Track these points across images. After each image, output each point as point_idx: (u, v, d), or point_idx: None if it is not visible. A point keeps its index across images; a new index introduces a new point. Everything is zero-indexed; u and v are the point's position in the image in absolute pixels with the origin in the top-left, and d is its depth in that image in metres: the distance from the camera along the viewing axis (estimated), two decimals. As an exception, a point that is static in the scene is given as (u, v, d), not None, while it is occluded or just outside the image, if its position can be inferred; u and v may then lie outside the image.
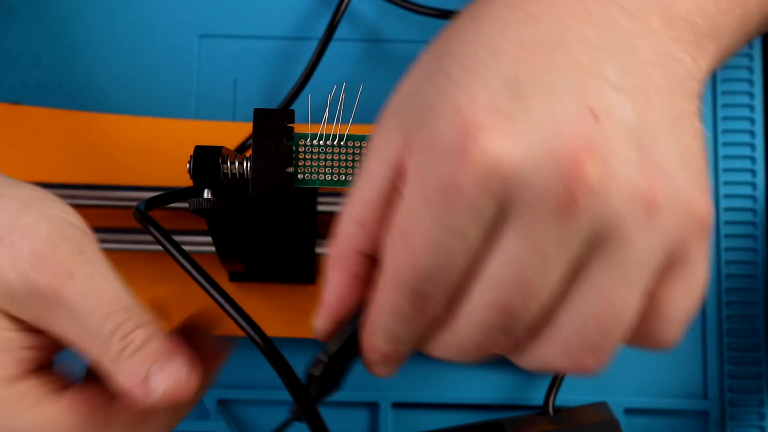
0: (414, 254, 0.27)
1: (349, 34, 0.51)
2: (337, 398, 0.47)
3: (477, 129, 0.26)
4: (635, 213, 0.26)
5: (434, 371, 0.48)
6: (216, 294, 0.31)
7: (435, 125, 0.27)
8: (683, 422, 0.48)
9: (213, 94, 0.50)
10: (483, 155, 0.26)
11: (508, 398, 0.48)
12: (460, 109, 0.26)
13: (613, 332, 0.28)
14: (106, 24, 0.50)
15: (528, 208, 0.26)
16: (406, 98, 0.29)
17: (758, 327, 0.48)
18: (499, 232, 0.27)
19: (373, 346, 0.30)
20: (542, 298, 0.27)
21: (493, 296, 0.27)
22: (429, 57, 0.30)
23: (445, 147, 0.26)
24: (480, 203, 0.26)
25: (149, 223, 0.32)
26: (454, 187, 0.26)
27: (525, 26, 0.28)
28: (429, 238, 0.27)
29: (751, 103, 0.50)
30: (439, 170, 0.26)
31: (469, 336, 0.28)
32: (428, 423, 0.48)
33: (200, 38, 0.51)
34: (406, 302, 0.28)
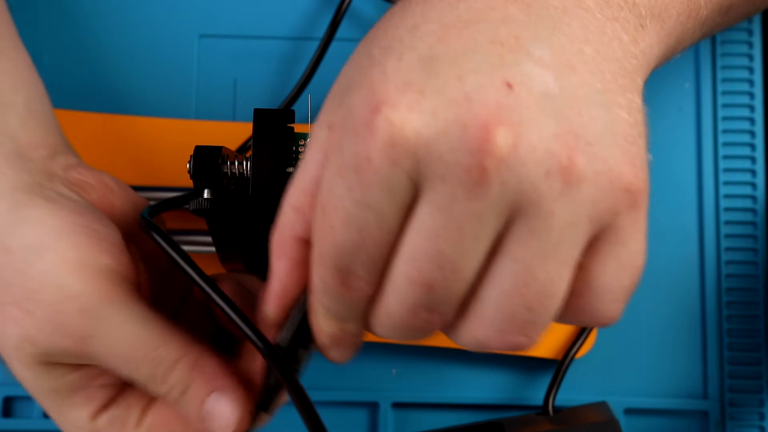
0: (332, 229, 0.27)
1: (350, 33, 0.51)
2: (337, 398, 0.47)
3: (384, 102, 0.26)
4: (552, 182, 0.26)
5: (434, 371, 0.48)
6: (219, 299, 0.31)
7: (349, 102, 0.27)
8: (683, 422, 0.48)
9: (213, 94, 0.50)
10: (389, 128, 0.25)
11: (508, 398, 0.48)
12: (372, 85, 0.26)
13: (540, 308, 0.27)
14: (106, 24, 0.50)
15: (439, 180, 0.26)
16: (338, 84, 0.29)
17: (758, 327, 0.48)
18: (414, 206, 0.26)
19: (319, 327, 0.31)
20: (464, 273, 0.27)
21: (414, 272, 0.27)
22: (362, 43, 0.30)
23: (356, 122, 0.26)
24: (390, 176, 0.26)
25: (153, 230, 0.32)
26: (364, 160, 0.26)
27: (449, 5, 0.28)
28: (344, 212, 0.26)
29: (751, 103, 0.50)
30: (351, 145, 0.26)
31: (398, 313, 0.28)
32: (428, 423, 0.48)
33: (200, 38, 0.51)
34: (332, 279, 0.28)
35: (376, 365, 0.48)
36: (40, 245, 0.32)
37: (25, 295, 0.32)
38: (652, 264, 0.48)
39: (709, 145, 0.50)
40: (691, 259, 0.49)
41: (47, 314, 0.31)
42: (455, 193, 0.26)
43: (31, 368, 0.33)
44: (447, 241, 0.26)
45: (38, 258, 0.32)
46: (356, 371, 0.48)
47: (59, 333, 0.31)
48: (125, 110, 0.49)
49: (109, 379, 0.34)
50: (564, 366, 0.46)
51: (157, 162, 0.48)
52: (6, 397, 0.48)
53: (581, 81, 0.27)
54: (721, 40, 0.51)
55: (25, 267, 0.32)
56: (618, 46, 0.29)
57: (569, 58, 0.27)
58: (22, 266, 0.32)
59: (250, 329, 0.31)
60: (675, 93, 0.51)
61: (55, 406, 0.34)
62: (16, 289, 0.32)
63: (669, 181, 0.49)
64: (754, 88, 0.50)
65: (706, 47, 0.51)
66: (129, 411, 0.34)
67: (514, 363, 0.48)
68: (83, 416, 0.33)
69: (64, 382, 0.33)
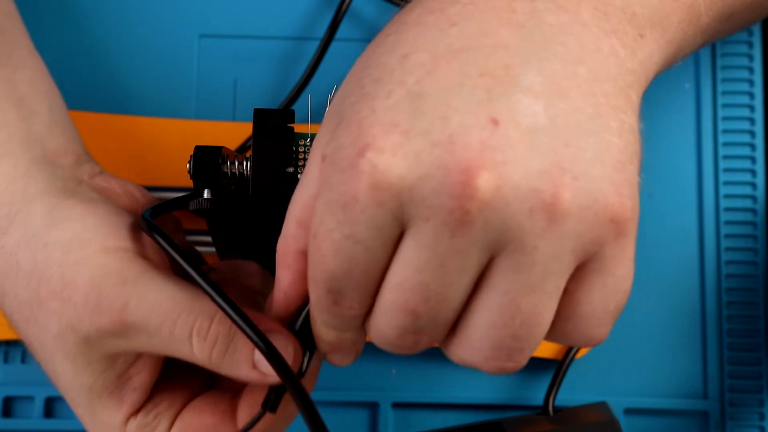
0: (323, 256, 0.28)
1: (350, 33, 0.51)
2: (337, 398, 0.47)
3: (370, 146, 0.26)
4: (535, 220, 0.26)
5: (434, 371, 0.48)
6: (221, 301, 0.31)
7: (339, 139, 0.27)
8: (683, 422, 0.48)
9: (213, 94, 0.50)
10: (373, 172, 0.26)
11: (508, 398, 0.48)
12: (360, 122, 0.27)
13: (527, 336, 0.28)
14: (106, 24, 0.50)
15: (423, 220, 0.26)
16: (333, 106, 0.30)
17: (758, 327, 0.48)
18: (401, 240, 0.27)
19: (319, 335, 0.31)
20: (450, 303, 0.28)
21: (401, 300, 0.28)
22: (356, 65, 0.30)
23: (343, 161, 0.27)
24: (376, 216, 0.26)
25: (155, 231, 0.33)
26: (351, 199, 0.26)
27: (441, 32, 0.28)
28: (333, 243, 0.27)
29: (751, 103, 0.50)
30: (339, 183, 0.27)
31: (387, 333, 0.29)
32: (428, 423, 0.48)
33: (200, 38, 0.51)
34: (324, 298, 0.29)
35: (376, 365, 0.48)
36: (80, 238, 0.33)
37: (62, 284, 0.32)
38: (652, 264, 0.48)
39: (709, 145, 0.50)
40: (691, 259, 0.49)
41: (85, 295, 0.32)
42: (439, 232, 0.26)
43: (71, 360, 0.33)
44: (431, 274, 0.27)
45: (78, 248, 0.32)
46: (356, 371, 0.48)
47: (98, 310, 0.32)
48: (125, 110, 0.49)
49: (143, 381, 0.34)
50: (564, 366, 0.46)
51: (157, 162, 0.48)
52: (6, 397, 0.48)
53: (573, 108, 0.27)
54: (721, 41, 0.51)
55: (64, 258, 0.32)
56: (614, 63, 0.29)
57: (561, 83, 0.27)
58: (61, 258, 0.32)
59: (252, 330, 0.31)
60: (675, 93, 0.51)
61: (88, 406, 0.34)
62: (53, 282, 0.32)
63: (669, 181, 0.49)
64: (754, 89, 0.50)
65: (706, 48, 0.51)
66: (159, 420, 0.34)
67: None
68: (116, 420, 0.34)
69: (101, 380, 0.33)
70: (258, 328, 0.31)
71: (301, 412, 0.31)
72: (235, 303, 0.31)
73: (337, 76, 0.50)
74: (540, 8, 0.28)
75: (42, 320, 0.33)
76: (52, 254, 0.33)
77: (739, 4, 0.36)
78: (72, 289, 0.32)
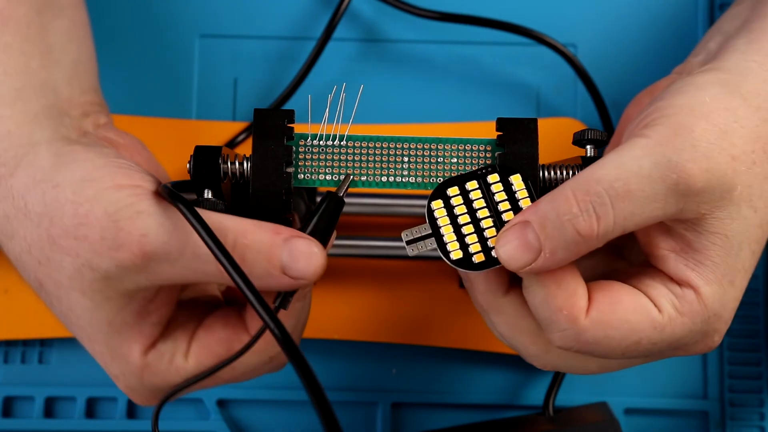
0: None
1: (347, 33, 0.51)
2: (337, 398, 0.47)
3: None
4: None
5: (434, 371, 0.48)
6: (232, 271, 0.31)
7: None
8: (683, 422, 0.48)
9: (213, 94, 0.50)
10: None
11: (508, 398, 0.48)
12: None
13: None
14: (106, 24, 0.50)
15: None
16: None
17: (758, 327, 0.48)
18: None
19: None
20: None
21: None
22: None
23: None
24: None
25: (177, 199, 0.32)
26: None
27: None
28: None
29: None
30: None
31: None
32: (428, 423, 0.48)
33: (200, 38, 0.51)
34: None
35: (376, 365, 0.48)
36: (91, 176, 0.33)
37: (76, 222, 0.32)
38: (652, 264, 0.48)
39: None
40: (691, 259, 0.49)
41: (101, 231, 0.32)
42: None
43: (89, 296, 0.33)
44: None
45: (90, 185, 0.32)
46: (356, 371, 0.48)
47: (116, 245, 0.32)
48: (125, 110, 0.49)
49: (161, 315, 0.34)
50: (564, 366, 0.46)
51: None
52: (6, 397, 0.48)
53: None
54: (721, 40, 0.51)
55: (76, 196, 0.32)
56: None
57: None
58: (73, 196, 0.32)
59: (257, 299, 0.31)
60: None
61: (107, 341, 0.34)
62: (66, 220, 0.32)
63: (669, 181, 0.49)
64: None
65: (706, 47, 0.51)
66: (176, 344, 0.35)
67: (514, 363, 0.48)
68: (135, 352, 0.34)
69: (120, 315, 0.33)
70: (264, 300, 0.31)
71: (298, 373, 0.30)
72: (246, 276, 0.31)
73: (335, 75, 0.50)
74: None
75: (55, 259, 0.33)
76: (63, 193, 0.33)
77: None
78: (87, 227, 0.32)
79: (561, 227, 0.31)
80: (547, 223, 0.31)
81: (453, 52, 0.51)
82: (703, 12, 0.51)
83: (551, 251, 0.31)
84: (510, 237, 0.32)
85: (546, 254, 0.31)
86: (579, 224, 0.31)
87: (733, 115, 0.33)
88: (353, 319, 0.47)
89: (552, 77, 0.51)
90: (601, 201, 0.31)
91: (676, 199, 0.31)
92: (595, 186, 0.31)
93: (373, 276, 0.48)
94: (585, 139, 0.36)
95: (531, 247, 0.31)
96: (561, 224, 0.31)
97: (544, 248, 0.31)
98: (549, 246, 0.31)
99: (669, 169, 0.31)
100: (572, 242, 0.31)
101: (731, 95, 0.33)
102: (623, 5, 0.52)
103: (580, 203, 0.31)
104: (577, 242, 0.31)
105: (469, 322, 0.47)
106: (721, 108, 0.33)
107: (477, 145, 0.35)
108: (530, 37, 0.49)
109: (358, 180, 0.35)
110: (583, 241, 0.31)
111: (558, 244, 0.31)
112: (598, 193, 0.31)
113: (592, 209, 0.31)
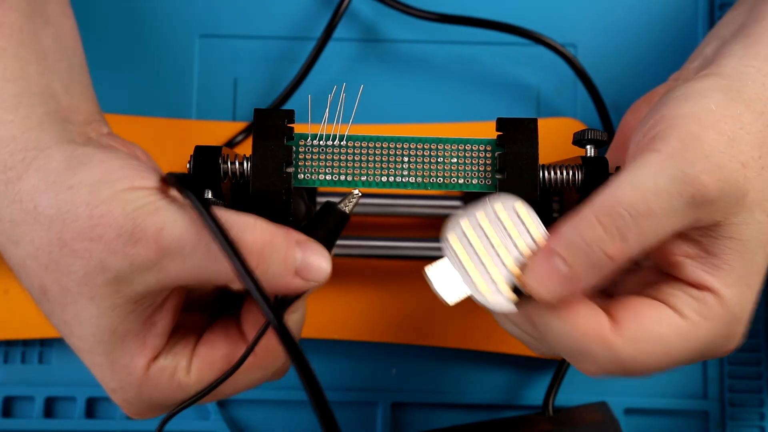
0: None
1: (347, 33, 0.51)
2: (337, 398, 0.47)
3: None
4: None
5: (434, 371, 0.48)
6: (237, 261, 0.31)
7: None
8: (683, 422, 0.48)
9: (213, 94, 0.50)
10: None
11: (508, 398, 0.48)
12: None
13: None
14: (106, 24, 0.51)
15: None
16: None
17: (758, 327, 0.48)
18: None
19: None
20: None
21: None
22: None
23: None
24: None
25: (182, 185, 0.32)
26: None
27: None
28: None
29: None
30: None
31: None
32: (428, 423, 0.48)
33: (200, 38, 0.51)
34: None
35: (376, 365, 0.48)
36: (108, 178, 0.33)
37: (92, 223, 0.32)
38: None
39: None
40: (691, 259, 0.49)
41: (118, 228, 0.32)
42: None
43: (96, 302, 0.33)
44: None
45: (107, 188, 0.32)
46: (356, 371, 0.48)
47: (133, 240, 0.31)
48: (125, 110, 0.49)
49: (165, 325, 0.34)
50: (564, 366, 0.46)
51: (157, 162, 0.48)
52: (6, 397, 0.48)
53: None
54: (721, 40, 0.51)
55: (91, 198, 0.32)
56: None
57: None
58: (88, 197, 0.32)
59: (262, 296, 0.31)
60: (675, 93, 0.51)
61: (108, 351, 0.34)
62: (80, 222, 0.32)
63: (669, 181, 0.49)
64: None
65: (706, 47, 0.51)
66: (178, 359, 0.35)
67: (514, 363, 0.48)
68: (139, 364, 0.34)
69: (125, 323, 0.33)
70: (268, 296, 0.31)
71: (297, 369, 0.31)
72: (249, 267, 0.31)
73: (334, 76, 0.50)
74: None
75: (65, 263, 0.33)
76: (78, 195, 0.32)
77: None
78: (103, 226, 0.32)
79: (589, 252, 0.31)
80: (574, 250, 0.31)
81: (453, 52, 0.51)
82: (703, 12, 0.51)
83: (580, 277, 0.32)
84: (539, 268, 0.32)
85: (575, 280, 0.32)
86: (607, 247, 0.31)
87: (738, 122, 0.33)
88: (353, 319, 0.47)
89: (552, 77, 0.51)
90: (624, 222, 0.31)
91: (694, 210, 0.32)
92: (618, 208, 0.31)
93: (373, 276, 0.48)
94: (585, 139, 0.36)
95: (562, 275, 0.32)
96: (589, 249, 0.31)
97: (573, 274, 0.32)
98: (578, 272, 0.32)
99: (685, 183, 0.31)
100: (601, 266, 0.32)
101: (734, 102, 0.34)
102: (623, 5, 0.52)
103: (606, 226, 0.31)
104: (605, 265, 0.32)
105: (469, 322, 0.47)
106: (726, 115, 0.33)
107: (477, 145, 0.35)
108: (530, 37, 0.49)
109: (358, 180, 0.35)
110: (612, 264, 0.32)
111: (587, 270, 0.32)
112: (621, 215, 0.31)
113: (617, 231, 0.31)
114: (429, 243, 0.46)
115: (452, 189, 0.35)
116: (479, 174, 0.35)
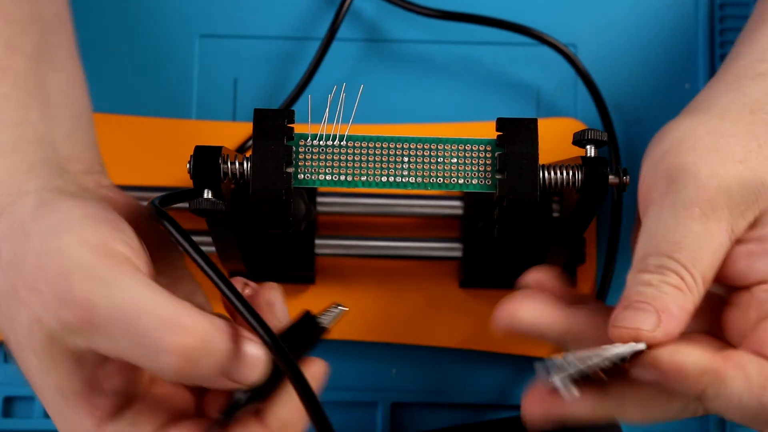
0: None
1: (350, 33, 0.51)
2: (336, 398, 0.47)
3: None
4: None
5: (434, 371, 0.48)
6: (226, 290, 0.31)
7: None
8: (683, 422, 0.48)
9: (213, 94, 0.50)
10: None
11: (508, 398, 0.48)
12: None
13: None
14: (106, 24, 0.51)
15: None
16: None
17: (758, 327, 0.48)
18: None
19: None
20: None
21: None
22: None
23: None
24: None
25: (164, 217, 0.33)
26: None
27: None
28: None
29: (751, 103, 0.50)
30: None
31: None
32: (428, 423, 0.48)
33: (200, 38, 0.51)
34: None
35: (376, 365, 0.48)
36: (61, 228, 0.32)
37: (35, 275, 0.31)
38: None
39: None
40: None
41: (54, 286, 0.31)
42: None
43: (39, 357, 0.32)
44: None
45: (56, 238, 0.32)
46: (356, 371, 0.48)
47: (64, 303, 0.30)
48: (125, 110, 0.49)
49: (114, 386, 0.33)
50: (564, 366, 0.46)
51: (157, 162, 0.48)
52: (6, 397, 0.48)
53: None
54: (720, 41, 0.51)
55: (42, 248, 0.32)
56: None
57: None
58: (39, 247, 0.32)
59: (257, 321, 0.31)
60: (675, 93, 0.51)
61: (59, 409, 0.33)
62: (30, 271, 0.31)
63: (669, 181, 0.49)
64: (754, 88, 0.50)
65: (705, 48, 0.51)
66: (136, 428, 0.33)
67: (514, 363, 0.48)
68: (87, 425, 0.33)
69: (69, 382, 0.32)
70: (264, 321, 0.31)
71: (301, 399, 0.31)
72: (242, 296, 0.31)
73: (338, 76, 0.50)
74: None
75: (14, 312, 0.32)
76: (30, 243, 0.32)
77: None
78: (42, 280, 0.31)
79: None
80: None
81: (453, 51, 0.51)
82: (703, 12, 0.51)
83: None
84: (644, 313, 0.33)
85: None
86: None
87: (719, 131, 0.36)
88: (353, 319, 0.47)
89: (552, 77, 0.51)
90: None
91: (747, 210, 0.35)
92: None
93: (373, 276, 0.48)
94: (585, 139, 0.36)
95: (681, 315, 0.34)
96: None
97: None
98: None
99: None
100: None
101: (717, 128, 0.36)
102: (623, 6, 0.52)
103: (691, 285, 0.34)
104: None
105: (469, 322, 0.47)
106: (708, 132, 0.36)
107: (477, 145, 0.35)
108: (531, 36, 0.49)
109: (358, 180, 0.35)
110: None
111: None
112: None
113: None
114: (429, 243, 0.46)
115: (452, 189, 0.35)
116: (479, 174, 0.35)
